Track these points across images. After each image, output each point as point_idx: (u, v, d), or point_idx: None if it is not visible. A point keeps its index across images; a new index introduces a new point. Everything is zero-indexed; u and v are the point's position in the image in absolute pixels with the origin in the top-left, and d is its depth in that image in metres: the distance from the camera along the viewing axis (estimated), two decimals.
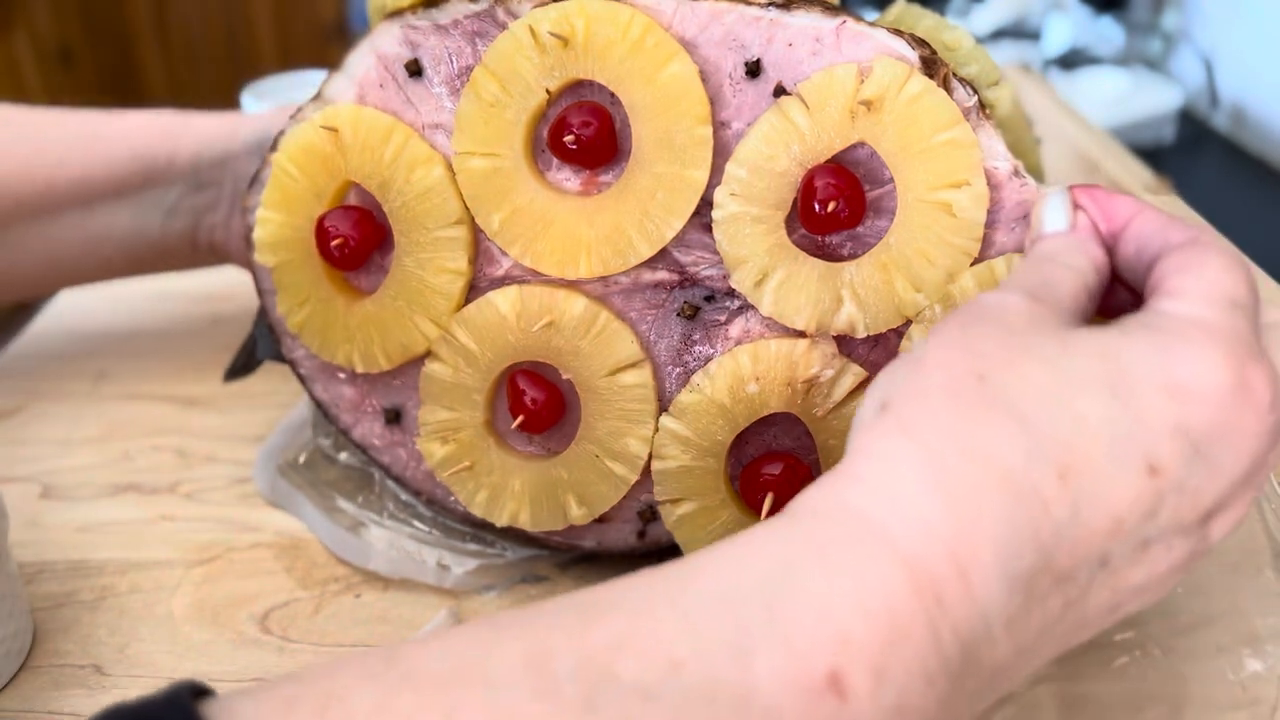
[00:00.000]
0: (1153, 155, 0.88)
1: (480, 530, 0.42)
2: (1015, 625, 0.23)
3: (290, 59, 1.88)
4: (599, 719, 0.20)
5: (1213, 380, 0.24)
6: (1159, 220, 0.28)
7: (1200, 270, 0.26)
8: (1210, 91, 0.98)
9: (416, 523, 0.42)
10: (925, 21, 0.39)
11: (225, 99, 0.58)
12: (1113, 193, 0.29)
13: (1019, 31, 1.05)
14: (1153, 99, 0.93)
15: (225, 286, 0.63)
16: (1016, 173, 0.33)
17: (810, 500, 0.24)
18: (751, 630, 0.21)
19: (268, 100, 0.63)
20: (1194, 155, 0.93)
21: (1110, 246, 0.29)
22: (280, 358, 0.43)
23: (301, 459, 0.46)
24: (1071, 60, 1.02)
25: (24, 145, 0.47)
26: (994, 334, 0.25)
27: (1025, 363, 0.24)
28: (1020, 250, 0.33)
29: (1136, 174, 0.75)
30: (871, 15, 0.36)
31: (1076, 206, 0.29)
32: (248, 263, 0.42)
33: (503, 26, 0.37)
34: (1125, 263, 0.29)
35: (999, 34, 1.05)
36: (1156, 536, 0.24)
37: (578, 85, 0.36)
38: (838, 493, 0.24)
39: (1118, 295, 0.29)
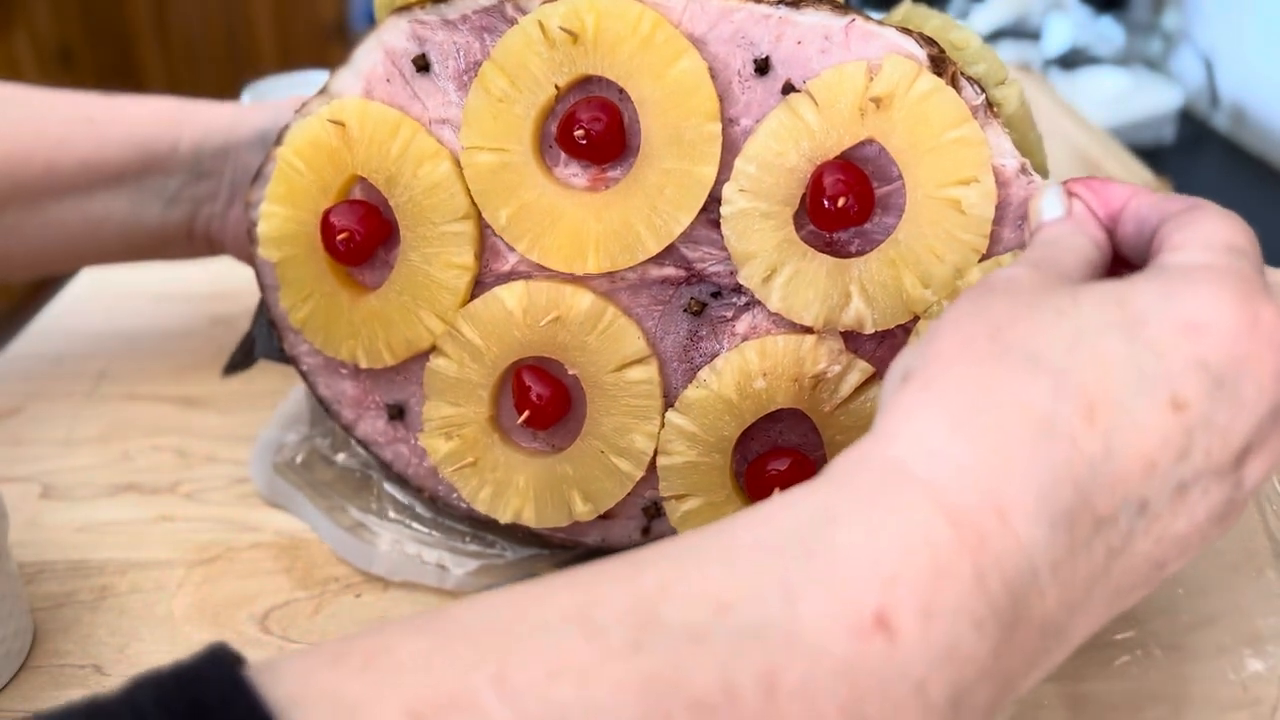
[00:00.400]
0: (1153, 155, 0.88)
1: (482, 529, 0.42)
2: (1061, 571, 0.23)
3: (290, 59, 1.88)
4: (647, 659, 0.20)
5: (1225, 315, 0.24)
6: (1155, 197, 0.29)
7: (1199, 224, 0.26)
8: (1210, 91, 0.98)
9: (416, 524, 0.42)
10: (932, 21, 0.39)
11: (225, 99, 0.58)
12: (1107, 180, 0.30)
13: (1019, 31, 1.05)
14: (1153, 99, 0.93)
15: (226, 286, 0.63)
16: (1023, 170, 0.34)
17: (844, 460, 0.24)
18: (795, 574, 0.21)
19: (268, 100, 0.63)
20: (1194, 155, 0.93)
21: (1110, 229, 0.29)
22: (280, 356, 0.43)
23: (299, 459, 0.46)
24: (1072, 60, 1.02)
25: (26, 126, 0.47)
26: (1003, 299, 0.26)
27: (1037, 315, 0.25)
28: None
29: (1136, 174, 0.75)
30: (877, 16, 0.36)
31: (1072, 195, 0.30)
32: (243, 255, 0.42)
33: (511, 22, 0.37)
34: (1126, 241, 0.29)
35: (999, 34, 1.05)
36: (1192, 479, 0.24)
37: (586, 81, 0.36)
38: (870, 450, 0.24)
39: (1121, 275, 0.30)
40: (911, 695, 0.21)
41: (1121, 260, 0.30)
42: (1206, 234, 0.26)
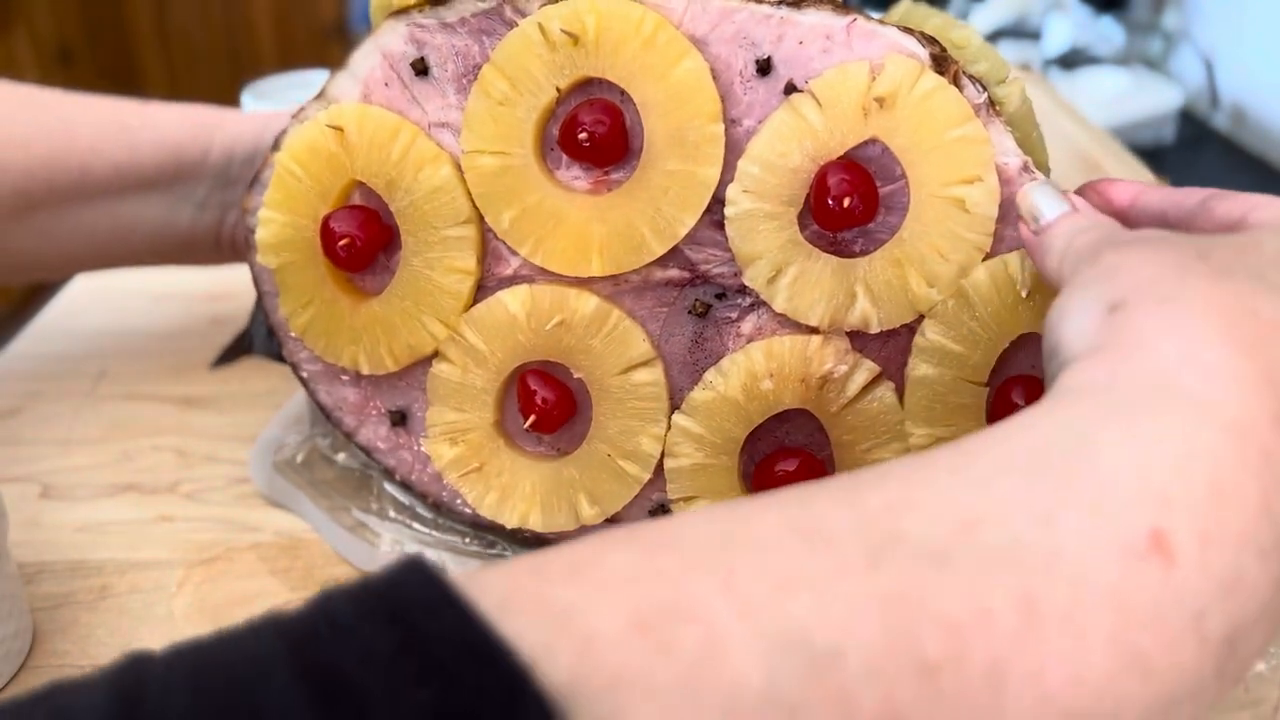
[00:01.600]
0: (1153, 155, 0.88)
1: (486, 533, 0.41)
2: None
3: (290, 59, 1.88)
4: (886, 576, 0.18)
5: None
6: (1162, 191, 0.29)
7: (1269, 205, 0.26)
8: (1210, 91, 0.98)
9: (417, 524, 0.42)
10: (933, 20, 0.39)
11: (225, 99, 0.58)
12: (1110, 180, 0.30)
13: (1019, 31, 1.05)
14: (1153, 99, 0.93)
15: (225, 286, 0.63)
16: (1026, 168, 0.34)
17: (1078, 379, 0.22)
18: (1050, 494, 0.19)
19: (268, 100, 0.63)
20: (1194, 155, 0.93)
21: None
22: (277, 355, 0.43)
23: (299, 458, 0.46)
24: (1072, 60, 1.02)
25: (60, 130, 0.47)
26: (1169, 239, 0.24)
27: (1221, 248, 0.23)
28: None
29: (1137, 174, 0.75)
30: (877, 15, 0.36)
31: (1066, 194, 0.30)
32: None
33: (510, 24, 0.36)
34: None
35: (999, 34, 1.05)
36: None
37: (587, 83, 0.36)
38: (1114, 369, 0.22)
39: None
40: (1189, 628, 0.19)
41: None
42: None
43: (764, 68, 0.35)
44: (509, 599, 0.18)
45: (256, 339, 0.49)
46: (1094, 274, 0.24)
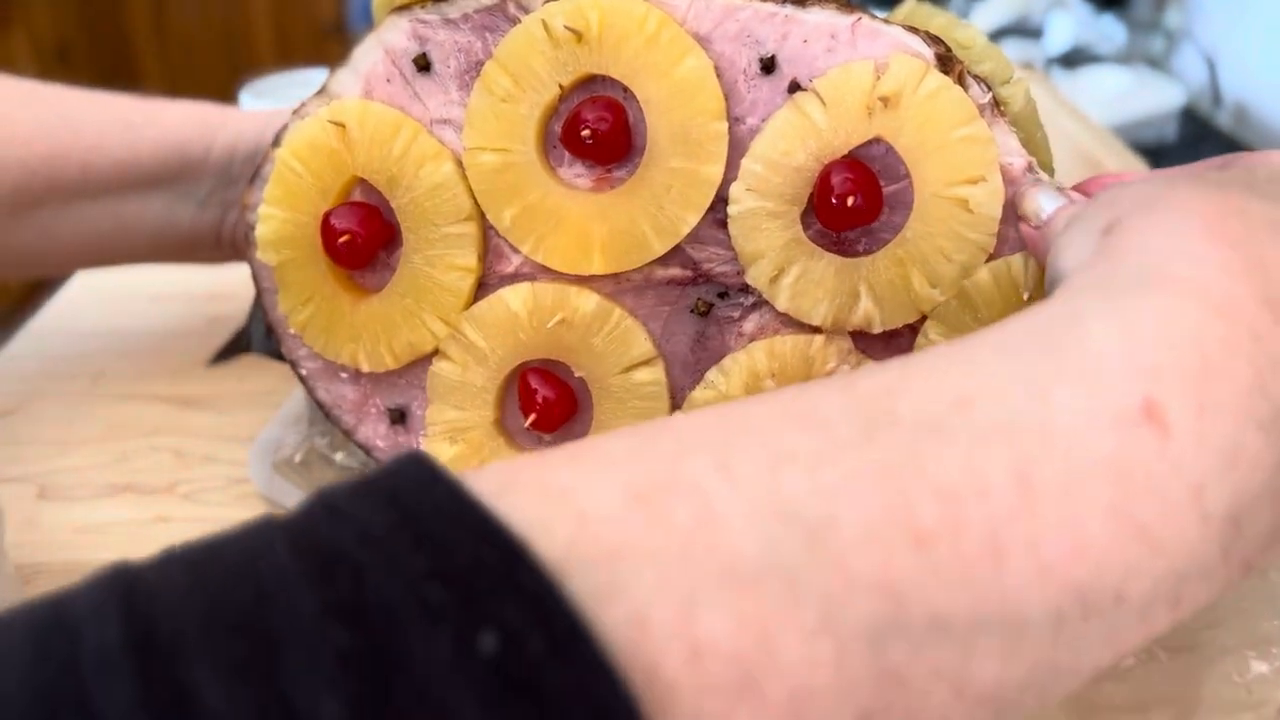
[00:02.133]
0: (1155, 154, 0.88)
1: None
2: None
3: (288, 58, 1.87)
4: (881, 450, 0.18)
5: None
6: (1142, 175, 0.29)
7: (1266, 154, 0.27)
8: (1213, 90, 0.98)
9: None
10: (937, 19, 0.39)
11: (224, 98, 0.57)
12: (1108, 173, 0.31)
13: (1021, 30, 1.05)
14: (1155, 97, 0.93)
15: (225, 286, 0.63)
16: (1030, 168, 0.33)
17: (1072, 283, 0.22)
18: (1044, 369, 0.19)
19: (266, 99, 0.63)
20: (1196, 154, 0.92)
21: None
22: (276, 353, 0.43)
23: (298, 458, 0.46)
24: (1073, 58, 1.02)
25: (62, 127, 0.47)
26: (1181, 176, 0.25)
27: (1215, 173, 0.24)
28: None
29: (1139, 173, 0.75)
30: (881, 14, 0.36)
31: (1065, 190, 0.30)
32: None
33: (513, 21, 0.36)
34: None
35: (1001, 32, 1.05)
36: None
37: (590, 80, 0.36)
38: (1108, 269, 0.22)
39: None
40: (1188, 502, 0.18)
41: None
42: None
43: (768, 66, 0.34)
44: (507, 484, 0.18)
45: (255, 337, 0.49)
46: (1091, 208, 0.25)
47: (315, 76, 0.64)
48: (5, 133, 0.45)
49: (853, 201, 0.33)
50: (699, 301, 0.36)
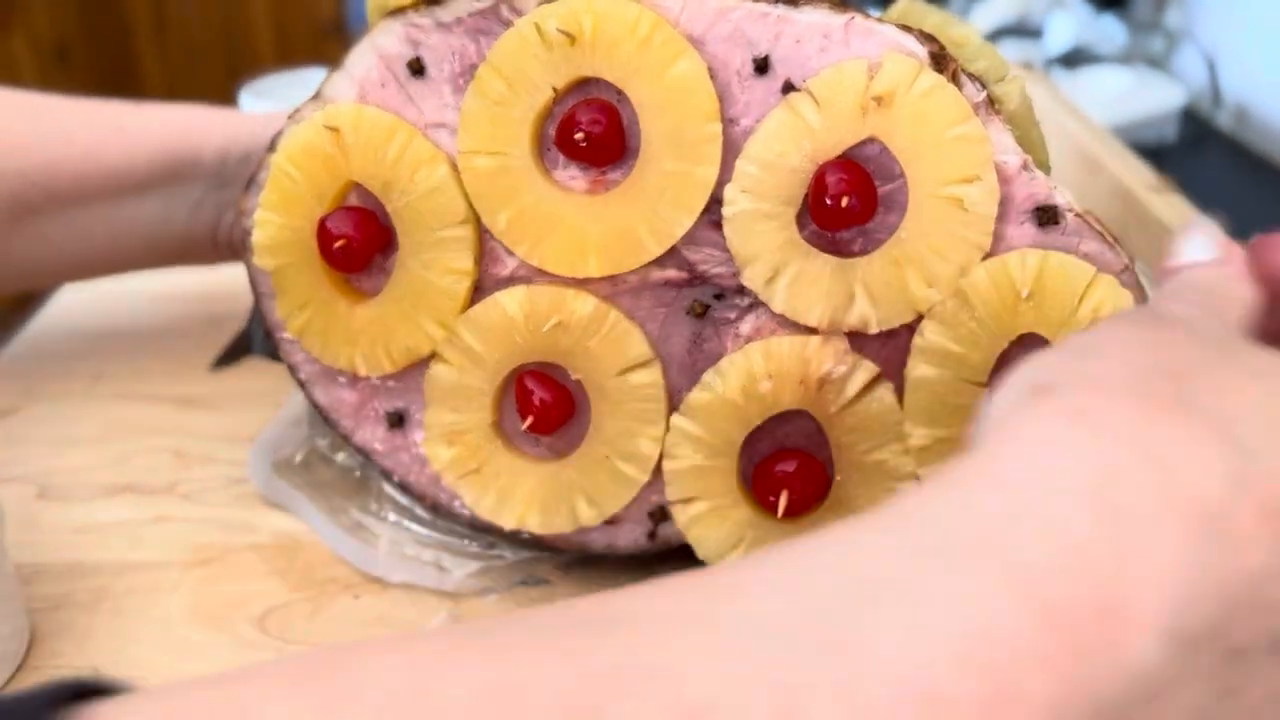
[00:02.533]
0: (1155, 154, 0.88)
1: (485, 534, 0.41)
2: (1156, 707, 0.17)
3: (288, 58, 1.88)
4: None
5: None
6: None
7: None
8: (1213, 90, 0.98)
9: (415, 525, 0.42)
10: (932, 18, 0.39)
11: (223, 98, 0.58)
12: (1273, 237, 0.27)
13: (1020, 30, 1.05)
14: (1155, 98, 0.93)
15: (224, 287, 0.63)
16: (1025, 167, 0.33)
17: (926, 499, 0.19)
18: (797, 673, 0.16)
19: (266, 99, 0.63)
20: (1197, 154, 0.92)
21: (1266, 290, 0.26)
22: (276, 356, 0.43)
23: (298, 459, 0.46)
24: (1073, 58, 1.02)
25: (56, 135, 0.47)
26: (1183, 337, 0.21)
27: (1229, 370, 0.20)
28: (1033, 245, 0.33)
29: (1139, 173, 0.75)
30: (876, 13, 0.36)
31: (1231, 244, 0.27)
32: None
33: (507, 24, 0.36)
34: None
35: (1000, 32, 1.04)
36: None
37: (584, 83, 0.36)
38: (962, 493, 0.18)
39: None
40: None
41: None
42: None
43: (761, 66, 0.34)
44: None
45: (255, 339, 0.49)
46: (1071, 342, 0.21)
47: (315, 76, 0.64)
48: (3, 144, 0.45)
49: (847, 202, 0.33)
50: (695, 303, 0.36)
